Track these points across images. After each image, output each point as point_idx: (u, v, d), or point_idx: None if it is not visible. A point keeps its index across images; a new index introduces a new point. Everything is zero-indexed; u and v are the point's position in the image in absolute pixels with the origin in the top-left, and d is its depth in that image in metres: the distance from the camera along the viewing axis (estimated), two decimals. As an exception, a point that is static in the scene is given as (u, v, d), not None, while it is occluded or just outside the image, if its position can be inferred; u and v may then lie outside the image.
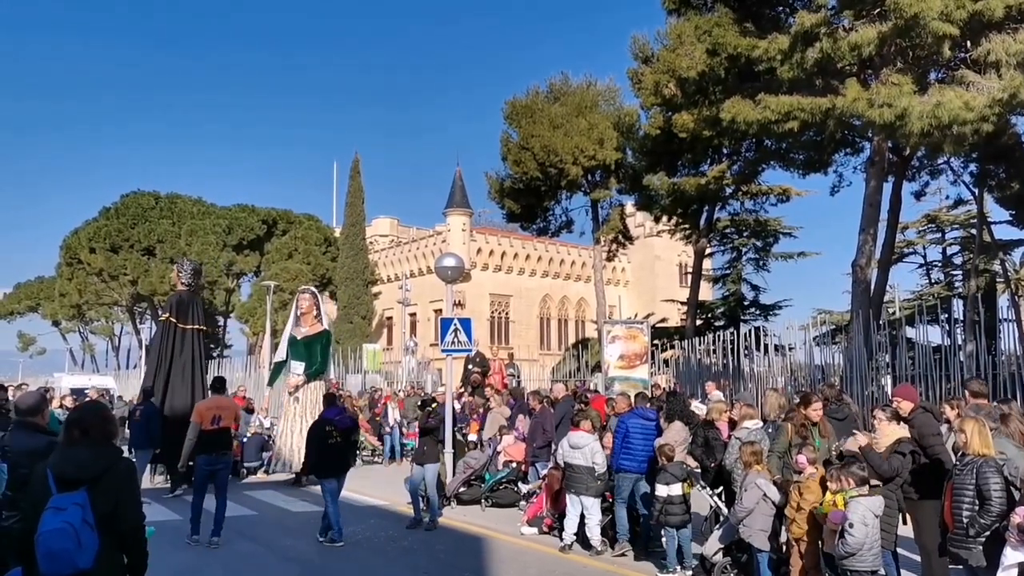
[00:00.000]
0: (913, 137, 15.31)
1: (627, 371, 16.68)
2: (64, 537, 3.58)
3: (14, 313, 61.60)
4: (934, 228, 37.29)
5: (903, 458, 6.61)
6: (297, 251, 50.59)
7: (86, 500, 3.68)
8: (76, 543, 3.58)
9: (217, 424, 9.55)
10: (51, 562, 3.58)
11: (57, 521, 3.62)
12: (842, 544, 5.83)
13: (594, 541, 9.02)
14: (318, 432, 9.65)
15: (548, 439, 11.76)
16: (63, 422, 4.29)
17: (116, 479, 3.86)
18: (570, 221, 34.31)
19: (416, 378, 26.67)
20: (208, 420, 9.54)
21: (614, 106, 32.11)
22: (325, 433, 9.57)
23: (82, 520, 3.63)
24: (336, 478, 9.67)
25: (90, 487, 3.74)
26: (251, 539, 9.81)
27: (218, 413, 9.64)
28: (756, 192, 31.43)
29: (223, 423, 9.64)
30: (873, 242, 20.45)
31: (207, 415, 9.57)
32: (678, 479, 8.09)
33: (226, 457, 9.79)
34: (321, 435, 9.58)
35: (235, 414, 10.24)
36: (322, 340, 16.01)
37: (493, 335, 54.51)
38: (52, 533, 3.60)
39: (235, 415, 10.21)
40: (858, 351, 16.30)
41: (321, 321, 16.25)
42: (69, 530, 3.60)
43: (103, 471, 3.83)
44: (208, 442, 9.51)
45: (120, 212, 48.89)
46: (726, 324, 32.71)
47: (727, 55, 18.43)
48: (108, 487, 3.79)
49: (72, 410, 4.32)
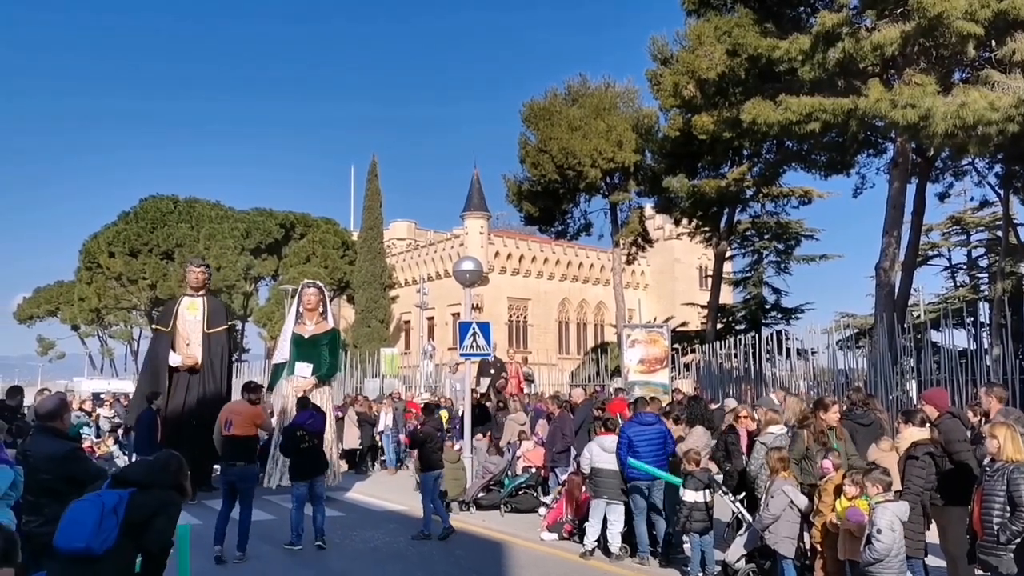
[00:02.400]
0: (937, 138, 15.08)
1: (647, 375, 16.54)
2: (90, 508, 3.66)
3: (34, 317, 62.18)
4: (959, 230, 36.76)
5: (916, 462, 6.51)
6: (315, 255, 50.75)
7: (126, 497, 3.76)
8: (97, 520, 3.62)
9: (228, 430, 9.12)
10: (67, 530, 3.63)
11: (90, 497, 3.78)
12: (869, 550, 5.73)
13: (614, 547, 8.92)
14: (290, 437, 9.54)
15: (567, 444, 11.67)
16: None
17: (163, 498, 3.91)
18: (589, 224, 34.19)
19: (434, 382, 26.63)
20: (221, 424, 9.26)
21: (633, 108, 31.97)
22: (297, 438, 9.44)
23: (113, 508, 3.68)
24: (308, 482, 9.43)
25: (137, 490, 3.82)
26: (269, 543, 9.74)
27: (229, 418, 9.20)
28: (777, 194, 31.10)
29: (233, 429, 9.10)
30: (897, 244, 20.19)
31: (221, 419, 9.32)
32: (704, 485, 7.99)
33: (237, 468, 9.03)
34: (293, 440, 9.46)
35: (252, 420, 9.46)
36: (330, 339, 14.47)
37: (511, 339, 54.43)
38: (80, 504, 3.73)
39: (253, 421, 9.46)
40: (882, 355, 16.06)
41: (327, 319, 14.71)
42: (97, 503, 3.68)
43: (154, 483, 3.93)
44: (223, 449, 9.25)
45: (139, 216, 49.28)
46: (747, 328, 32.41)
47: (747, 56, 18.29)
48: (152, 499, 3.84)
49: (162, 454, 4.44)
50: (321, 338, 14.26)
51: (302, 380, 13.68)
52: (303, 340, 14.15)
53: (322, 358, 14.06)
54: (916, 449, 6.59)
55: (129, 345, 59.81)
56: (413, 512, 12.13)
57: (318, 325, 14.39)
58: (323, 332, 14.36)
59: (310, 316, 14.42)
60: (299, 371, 13.80)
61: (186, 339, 14.10)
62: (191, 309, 14.44)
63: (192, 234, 48.33)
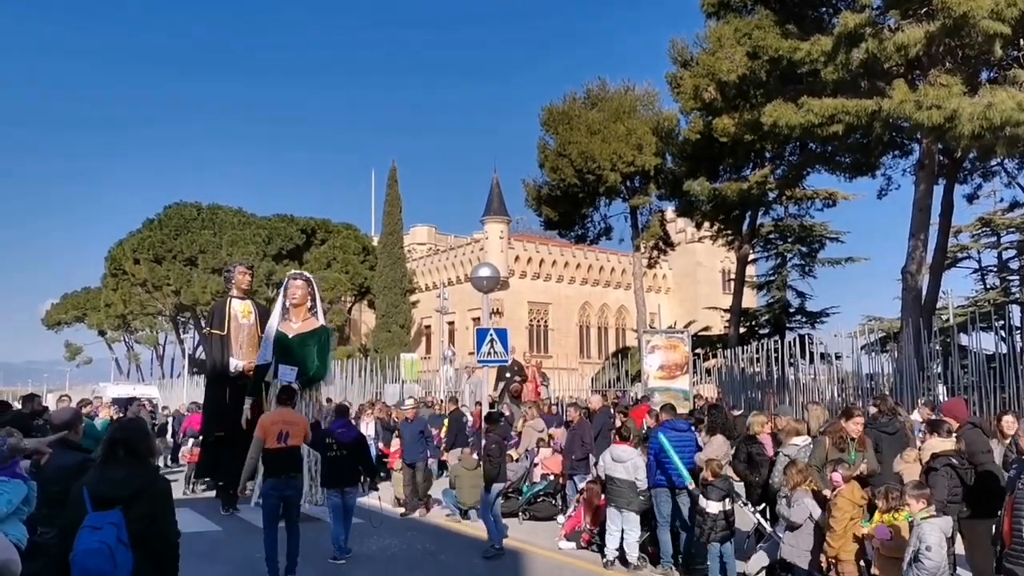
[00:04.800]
0: (964, 139, 14.81)
1: (667, 381, 16.35)
2: (99, 557, 3.60)
3: (61, 323, 63.19)
4: (989, 232, 36.00)
5: (935, 473, 6.40)
6: (336, 260, 51.04)
7: (121, 519, 3.71)
8: (112, 563, 3.60)
9: (284, 442, 8.29)
10: None
11: (93, 541, 3.65)
12: (918, 568, 5.55)
13: (631, 557, 8.80)
14: (320, 443, 9.29)
15: (587, 451, 11.53)
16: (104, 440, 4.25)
17: (152, 499, 3.90)
18: (609, 228, 34.01)
19: (454, 387, 26.59)
20: (273, 437, 8.27)
21: (653, 111, 31.75)
22: (326, 445, 9.24)
23: (117, 539, 3.65)
24: (340, 492, 9.12)
25: (125, 506, 3.76)
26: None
27: (285, 429, 8.35)
28: (801, 196, 30.73)
29: (291, 440, 8.37)
30: (924, 247, 19.84)
31: (272, 431, 8.31)
32: (725, 494, 7.85)
33: (296, 481, 8.52)
34: (323, 446, 9.28)
35: (305, 430, 8.86)
36: (318, 339, 12.66)
37: (532, 344, 54.29)
38: (87, 553, 3.63)
39: (305, 431, 8.86)
40: (908, 360, 15.77)
41: (316, 315, 12.93)
42: (104, 550, 3.62)
43: (139, 490, 3.86)
44: (274, 463, 8.29)
45: (163, 223, 49.87)
46: (771, 332, 32.06)
47: (768, 58, 18.11)
48: (144, 506, 3.82)
49: (114, 427, 4.28)
50: (308, 338, 12.49)
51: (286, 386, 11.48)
52: (288, 340, 12.29)
53: (309, 360, 12.34)
54: (935, 460, 6.46)
55: (154, 350, 60.55)
56: (430, 520, 12.08)
57: (305, 322, 12.58)
58: (311, 331, 12.58)
59: (297, 312, 12.58)
60: (282, 375, 11.91)
61: (240, 343, 13.45)
62: (244, 313, 13.81)
63: (215, 240, 48.80)
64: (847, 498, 6.37)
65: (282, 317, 12.58)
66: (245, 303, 13.99)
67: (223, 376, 13.39)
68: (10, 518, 4.23)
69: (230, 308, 13.81)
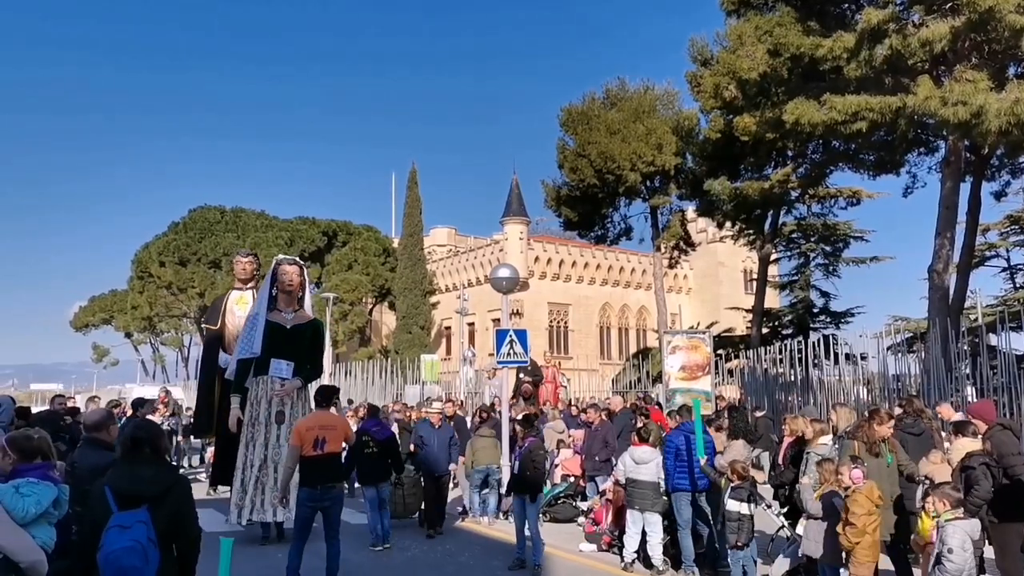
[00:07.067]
0: (991, 136, 14.60)
1: (689, 382, 16.21)
2: (134, 555, 3.68)
3: (89, 325, 63.96)
4: (1018, 229, 35.40)
5: (973, 472, 6.26)
6: (356, 262, 51.32)
7: (148, 518, 3.78)
8: (144, 560, 3.68)
9: (321, 448, 7.61)
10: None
11: (125, 539, 3.72)
12: (940, 570, 5.46)
13: (655, 560, 8.72)
14: (357, 442, 9.76)
15: (610, 453, 11.47)
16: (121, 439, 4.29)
17: (177, 497, 3.97)
18: (629, 228, 33.89)
19: (474, 388, 26.60)
20: (310, 443, 7.60)
21: (672, 110, 31.61)
22: (362, 443, 9.84)
23: (147, 538, 3.73)
24: (374, 486, 9.91)
25: (152, 505, 3.83)
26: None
27: (321, 435, 7.65)
28: (824, 195, 30.39)
29: (328, 447, 7.67)
30: (951, 246, 19.53)
31: (307, 436, 7.63)
32: (746, 497, 7.78)
33: (335, 491, 7.79)
34: (359, 445, 9.82)
35: (345, 433, 8.24)
36: (313, 332, 11.08)
37: (552, 345, 54.23)
38: (122, 551, 3.69)
39: (345, 435, 8.24)
40: (936, 361, 15.53)
41: (305, 306, 11.28)
42: (138, 548, 3.70)
43: (168, 488, 3.95)
44: (311, 471, 7.63)
45: (188, 226, 50.42)
46: (794, 332, 31.77)
47: (790, 55, 17.93)
48: (171, 504, 3.90)
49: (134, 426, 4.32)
50: (302, 330, 10.94)
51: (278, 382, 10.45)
52: (283, 331, 10.70)
53: (302, 356, 10.83)
54: (971, 459, 6.32)
55: (180, 352, 61.19)
56: (451, 523, 12.06)
57: (298, 314, 11.01)
58: (305, 323, 11.04)
59: (288, 302, 10.92)
60: (275, 370, 10.52)
61: (236, 337, 11.91)
62: (240, 303, 12.69)
63: (238, 243, 49.21)
64: (865, 495, 6.31)
65: (270, 306, 10.90)
66: (243, 294, 12.96)
67: (213, 374, 12.91)
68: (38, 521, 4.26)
69: (227, 301, 13.10)
